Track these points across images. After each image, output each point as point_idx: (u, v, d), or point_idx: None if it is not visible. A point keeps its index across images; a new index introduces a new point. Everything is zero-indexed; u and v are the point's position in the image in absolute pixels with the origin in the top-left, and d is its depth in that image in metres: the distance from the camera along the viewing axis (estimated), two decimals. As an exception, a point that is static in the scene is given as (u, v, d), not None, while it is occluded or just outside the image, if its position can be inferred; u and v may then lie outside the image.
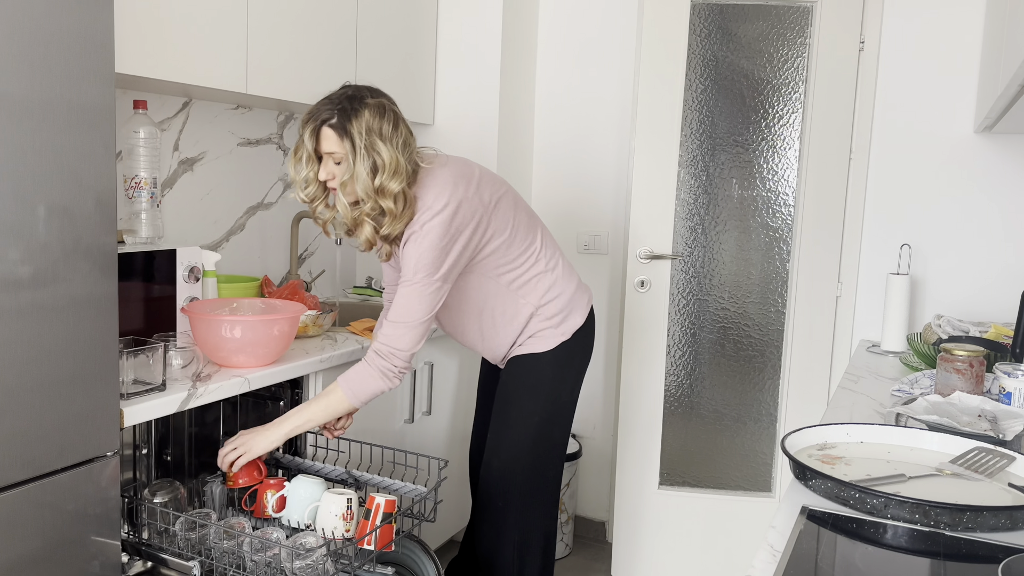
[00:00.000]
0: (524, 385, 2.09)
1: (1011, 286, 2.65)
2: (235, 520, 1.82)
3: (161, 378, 1.70)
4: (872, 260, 2.82)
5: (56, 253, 1.40)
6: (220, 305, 2.03)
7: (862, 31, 2.72)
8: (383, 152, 1.79)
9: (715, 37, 2.77)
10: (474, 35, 2.92)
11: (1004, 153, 2.66)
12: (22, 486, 1.39)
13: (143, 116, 2.07)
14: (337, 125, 1.80)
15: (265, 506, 1.81)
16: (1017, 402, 1.75)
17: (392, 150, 1.80)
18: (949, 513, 1.18)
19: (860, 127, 2.77)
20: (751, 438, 2.90)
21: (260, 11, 2.20)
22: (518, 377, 2.10)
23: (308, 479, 1.80)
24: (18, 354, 1.36)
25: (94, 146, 1.44)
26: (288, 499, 1.80)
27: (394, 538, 1.79)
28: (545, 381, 2.09)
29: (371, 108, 1.80)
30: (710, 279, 2.86)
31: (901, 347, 2.58)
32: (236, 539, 1.70)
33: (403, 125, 1.86)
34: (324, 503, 1.72)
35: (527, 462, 2.12)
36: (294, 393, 2.13)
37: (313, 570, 1.62)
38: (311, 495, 1.77)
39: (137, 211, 2.06)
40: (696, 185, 2.82)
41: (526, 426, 2.10)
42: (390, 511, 1.75)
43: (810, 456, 1.45)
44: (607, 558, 3.03)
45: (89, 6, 1.41)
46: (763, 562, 1.08)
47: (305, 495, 1.77)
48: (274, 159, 2.77)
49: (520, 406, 2.10)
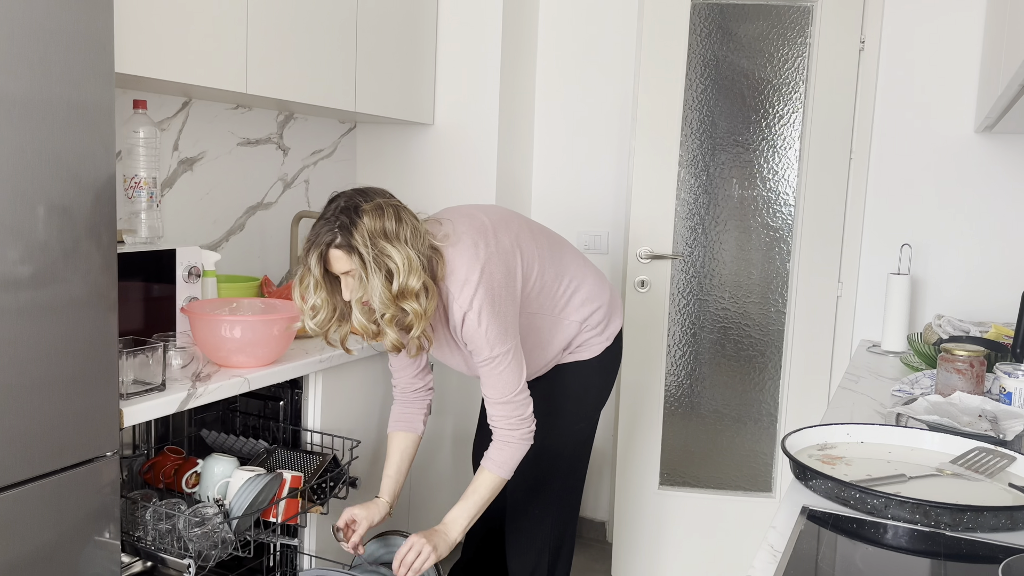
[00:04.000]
0: (571, 393, 2.08)
1: (1011, 286, 2.65)
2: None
3: (161, 378, 1.70)
4: (872, 260, 2.82)
5: (56, 253, 1.40)
6: (220, 305, 2.03)
7: (862, 31, 2.72)
8: (394, 255, 1.68)
9: (715, 37, 2.77)
10: (474, 35, 2.91)
11: (1004, 153, 2.66)
12: (22, 486, 1.39)
13: (143, 116, 2.07)
14: (342, 244, 1.69)
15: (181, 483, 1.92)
16: (1017, 402, 1.75)
17: (402, 248, 1.69)
18: (949, 513, 1.18)
19: (860, 127, 2.77)
20: (751, 438, 2.89)
21: (260, 11, 2.20)
22: (563, 386, 2.07)
23: (221, 457, 1.90)
24: (18, 354, 1.36)
25: (94, 146, 1.44)
26: (202, 476, 1.89)
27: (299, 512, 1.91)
28: (592, 388, 2.10)
29: (369, 213, 1.69)
30: (710, 279, 2.86)
31: (901, 347, 2.58)
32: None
33: (406, 215, 1.74)
34: (233, 479, 1.83)
35: (566, 468, 2.13)
36: (294, 393, 2.13)
37: (209, 538, 1.70)
38: (223, 472, 1.86)
39: (137, 211, 2.06)
40: (696, 185, 2.82)
41: (570, 433, 2.10)
42: (296, 485, 1.87)
43: (810, 456, 1.45)
44: (607, 558, 3.03)
45: (89, 6, 1.41)
46: (763, 562, 1.08)
47: (218, 472, 1.86)
48: (274, 159, 2.77)
49: (565, 414, 2.09)
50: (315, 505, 2.00)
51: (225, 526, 1.73)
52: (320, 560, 2.16)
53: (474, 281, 1.77)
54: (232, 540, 1.74)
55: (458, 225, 1.85)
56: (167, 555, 1.70)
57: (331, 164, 3.04)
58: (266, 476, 1.80)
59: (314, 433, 2.15)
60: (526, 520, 2.13)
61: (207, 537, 1.71)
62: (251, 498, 1.76)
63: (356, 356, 2.21)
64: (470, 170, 2.93)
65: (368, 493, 2.24)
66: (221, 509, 1.75)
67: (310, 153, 2.93)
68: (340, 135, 3.07)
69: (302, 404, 2.15)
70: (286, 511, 1.87)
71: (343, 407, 2.23)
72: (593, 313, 2.06)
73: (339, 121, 3.04)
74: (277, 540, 1.96)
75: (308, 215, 2.77)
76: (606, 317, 2.09)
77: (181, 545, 1.70)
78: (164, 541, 1.71)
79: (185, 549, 1.69)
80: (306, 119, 2.88)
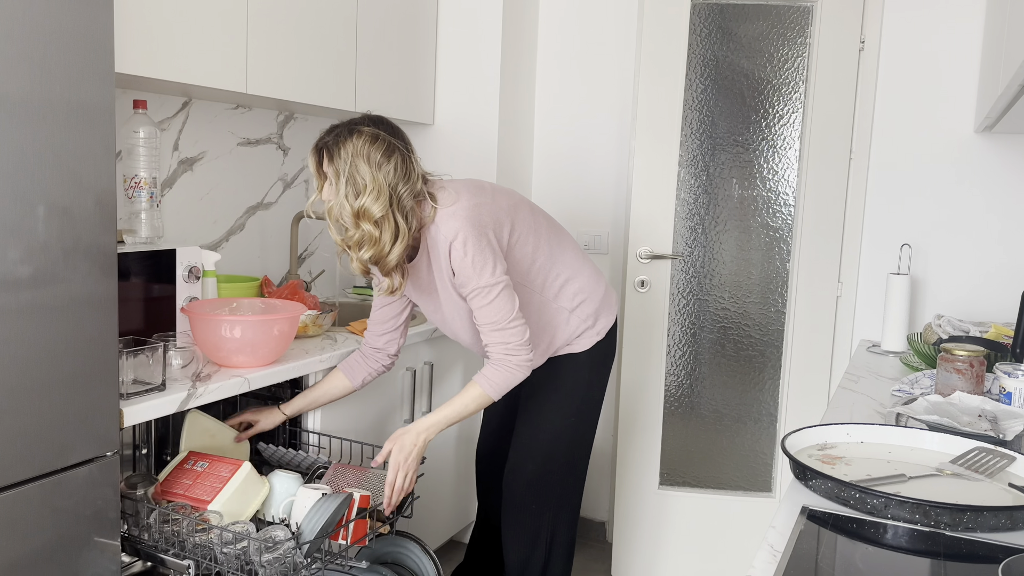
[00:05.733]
0: (561, 387, 2.11)
1: (1011, 286, 2.65)
2: None
3: (161, 378, 1.70)
4: (872, 260, 2.82)
5: (56, 253, 1.40)
6: (220, 305, 2.03)
7: (862, 31, 2.72)
8: (365, 177, 1.80)
9: (715, 37, 2.77)
10: (474, 35, 2.92)
11: (1004, 153, 2.66)
12: (22, 486, 1.39)
13: (143, 116, 2.07)
14: (331, 149, 1.84)
15: None
16: (1017, 402, 1.75)
17: (377, 176, 1.80)
18: (949, 513, 1.18)
19: (860, 127, 2.77)
20: (751, 438, 2.89)
21: (260, 11, 2.20)
22: (554, 379, 2.11)
23: (285, 474, 1.82)
24: (18, 354, 1.36)
25: (94, 146, 1.44)
26: None
27: (368, 533, 1.79)
28: (582, 382, 2.12)
29: (363, 136, 1.83)
30: (710, 279, 2.86)
31: (901, 347, 2.58)
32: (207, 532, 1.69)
33: (400, 157, 1.84)
34: (299, 498, 1.73)
35: (562, 462, 2.14)
36: (294, 393, 2.13)
37: (281, 563, 1.62)
38: (287, 490, 1.78)
39: (137, 211, 2.06)
40: (696, 185, 2.82)
41: (564, 428, 2.12)
42: (364, 506, 1.76)
43: (810, 456, 1.45)
44: (607, 558, 3.03)
45: (89, 6, 1.41)
46: (763, 562, 1.08)
47: (281, 490, 1.78)
48: (274, 159, 2.77)
49: (557, 407, 2.11)
50: (384, 524, 1.89)
51: (297, 551, 1.63)
52: None
53: (461, 215, 1.85)
54: (304, 564, 1.64)
55: (458, 183, 1.97)
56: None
57: (331, 164, 3.04)
58: (337, 497, 1.70)
59: (312, 434, 2.15)
60: (522, 514, 2.14)
61: (279, 561, 1.61)
62: (324, 520, 1.66)
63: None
64: (470, 170, 2.92)
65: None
66: (293, 534, 1.66)
67: (310, 153, 2.93)
68: (340, 135, 3.06)
69: (302, 404, 2.15)
70: (355, 532, 1.75)
71: (343, 408, 2.23)
72: (583, 304, 2.09)
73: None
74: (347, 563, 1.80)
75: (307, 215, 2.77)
76: (598, 311, 2.12)
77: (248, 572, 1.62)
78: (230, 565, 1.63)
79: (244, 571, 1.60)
80: (306, 119, 2.88)
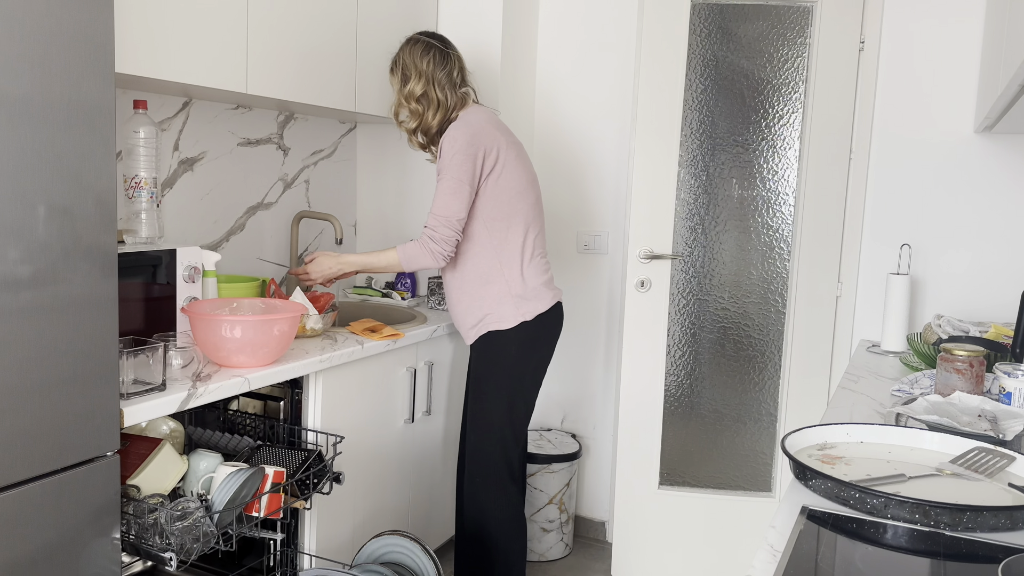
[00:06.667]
0: (491, 360, 2.32)
1: (1011, 286, 2.65)
2: None
3: (161, 378, 1.70)
4: (872, 260, 2.82)
5: (56, 253, 1.40)
6: (220, 305, 2.03)
7: (862, 31, 2.72)
8: (409, 67, 2.30)
9: (715, 37, 2.77)
10: (474, 36, 2.92)
11: (1004, 153, 2.66)
12: (22, 486, 1.39)
13: (143, 116, 2.08)
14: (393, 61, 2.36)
15: None
16: (1017, 402, 1.75)
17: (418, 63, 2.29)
18: (949, 513, 1.18)
19: (860, 127, 2.77)
20: (751, 438, 2.90)
21: (260, 11, 2.20)
22: (485, 353, 2.33)
23: (206, 452, 1.92)
24: (18, 354, 1.36)
25: (94, 146, 1.44)
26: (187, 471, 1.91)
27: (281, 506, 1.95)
28: (510, 356, 2.31)
29: (409, 42, 2.34)
30: (710, 279, 2.86)
31: (901, 347, 2.58)
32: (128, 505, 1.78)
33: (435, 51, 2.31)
34: (217, 474, 1.86)
35: (499, 435, 2.32)
36: (294, 393, 2.13)
37: (191, 531, 1.73)
38: (207, 467, 1.89)
39: (137, 211, 2.06)
40: (696, 185, 2.82)
41: (497, 399, 2.31)
42: (278, 481, 1.91)
43: (810, 456, 1.45)
44: (607, 558, 3.03)
45: (89, 6, 1.41)
46: (763, 562, 1.08)
47: (202, 467, 1.90)
48: (274, 159, 2.77)
49: (489, 379, 2.33)
50: (298, 500, 2.02)
51: (207, 520, 1.75)
52: (320, 560, 2.16)
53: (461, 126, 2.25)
54: (214, 534, 1.76)
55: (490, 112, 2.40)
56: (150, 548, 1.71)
57: (331, 164, 3.04)
58: (248, 471, 1.82)
59: (310, 432, 2.15)
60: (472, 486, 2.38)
61: (188, 531, 1.73)
62: (232, 492, 1.78)
63: (356, 357, 2.21)
64: (470, 170, 2.93)
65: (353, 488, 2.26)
66: (203, 503, 1.77)
67: (310, 153, 2.93)
68: (340, 135, 3.07)
69: (302, 404, 2.15)
70: (268, 505, 1.90)
71: (343, 407, 2.23)
72: (519, 279, 2.31)
73: (339, 121, 3.04)
74: (258, 534, 2.01)
75: (308, 215, 2.78)
76: (528, 293, 2.32)
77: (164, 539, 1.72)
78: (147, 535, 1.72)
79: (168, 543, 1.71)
80: (306, 119, 2.88)
